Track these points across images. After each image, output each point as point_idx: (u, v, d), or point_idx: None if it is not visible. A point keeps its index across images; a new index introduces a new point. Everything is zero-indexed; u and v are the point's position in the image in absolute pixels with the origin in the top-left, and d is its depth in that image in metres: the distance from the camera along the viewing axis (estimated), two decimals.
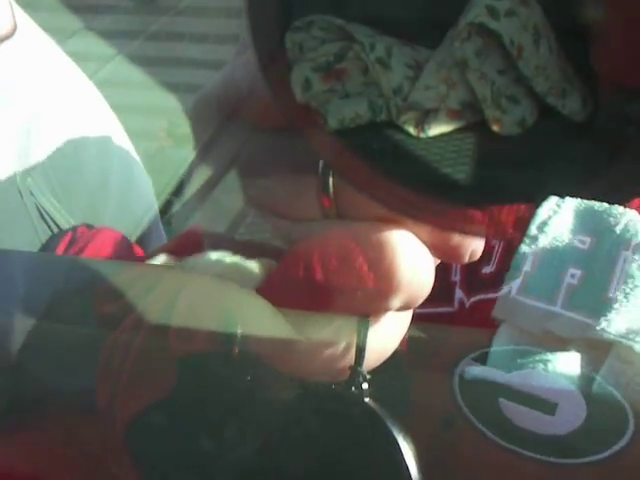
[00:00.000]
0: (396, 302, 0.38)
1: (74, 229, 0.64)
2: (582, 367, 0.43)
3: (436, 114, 0.50)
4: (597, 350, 0.42)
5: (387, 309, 0.39)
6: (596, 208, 0.45)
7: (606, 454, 0.42)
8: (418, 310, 0.41)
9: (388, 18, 0.54)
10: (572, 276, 0.43)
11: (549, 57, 0.49)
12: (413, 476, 0.41)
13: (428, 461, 0.42)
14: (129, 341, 0.51)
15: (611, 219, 0.44)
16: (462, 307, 0.51)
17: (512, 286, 0.45)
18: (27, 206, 0.68)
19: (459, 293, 0.51)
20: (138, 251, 0.68)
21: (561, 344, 0.43)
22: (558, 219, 0.45)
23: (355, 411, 0.42)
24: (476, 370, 0.44)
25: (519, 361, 0.43)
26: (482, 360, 0.45)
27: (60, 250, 0.64)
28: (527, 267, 0.44)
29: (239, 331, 0.43)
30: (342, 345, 0.41)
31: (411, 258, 0.38)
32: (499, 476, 0.43)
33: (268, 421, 0.44)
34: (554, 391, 0.44)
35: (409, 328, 0.42)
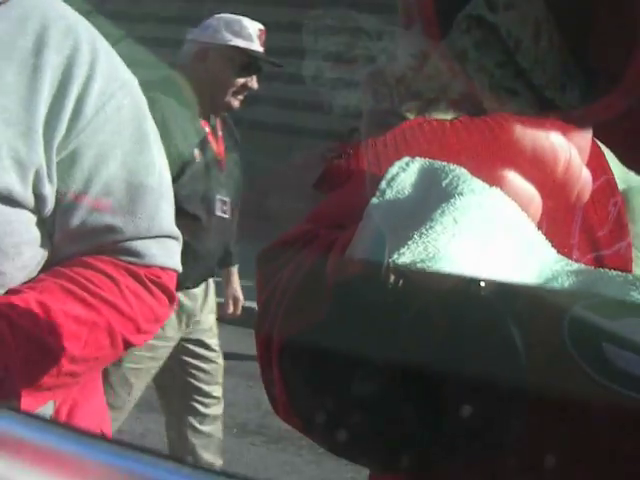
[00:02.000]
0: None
1: None
2: None
3: (437, 104, 0.51)
4: None
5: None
6: (435, 165, 0.47)
7: None
8: None
9: (398, 8, 0.55)
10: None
11: (549, 51, 0.50)
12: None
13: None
14: (292, 272, 0.57)
15: (442, 174, 0.46)
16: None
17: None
18: None
19: (575, 254, 0.56)
20: None
21: None
22: (404, 175, 0.47)
23: (475, 305, 0.46)
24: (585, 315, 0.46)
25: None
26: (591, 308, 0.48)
27: None
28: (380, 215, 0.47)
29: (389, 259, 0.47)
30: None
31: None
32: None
33: (406, 326, 0.48)
34: None
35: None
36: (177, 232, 1.01)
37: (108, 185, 0.92)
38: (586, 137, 0.49)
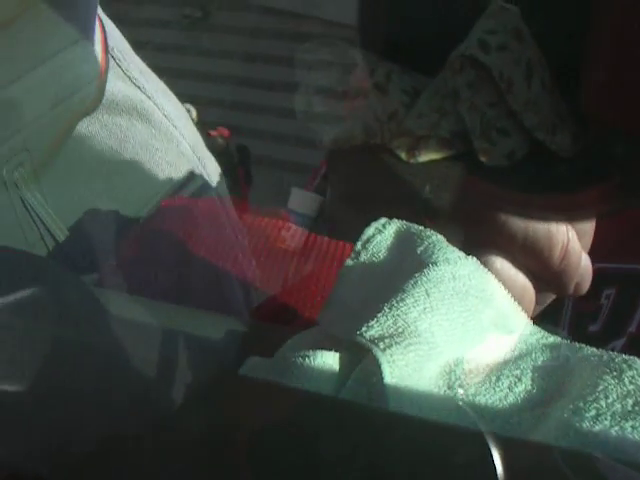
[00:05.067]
0: None
1: None
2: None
3: (427, 141, 0.51)
4: (359, 355, 0.41)
5: None
6: (412, 230, 0.45)
7: None
8: None
9: (392, 44, 0.55)
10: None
11: (541, 93, 0.50)
12: None
13: None
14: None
15: (418, 240, 0.45)
16: None
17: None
18: (11, 199, 0.71)
19: None
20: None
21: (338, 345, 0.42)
22: (380, 238, 0.46)
23: None
24: None
25: None
26: None
27: None
28: (354, 278, 0.44)
29: None
30: None
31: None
32: None
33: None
34: None
35: None
36: None
37: None
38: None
